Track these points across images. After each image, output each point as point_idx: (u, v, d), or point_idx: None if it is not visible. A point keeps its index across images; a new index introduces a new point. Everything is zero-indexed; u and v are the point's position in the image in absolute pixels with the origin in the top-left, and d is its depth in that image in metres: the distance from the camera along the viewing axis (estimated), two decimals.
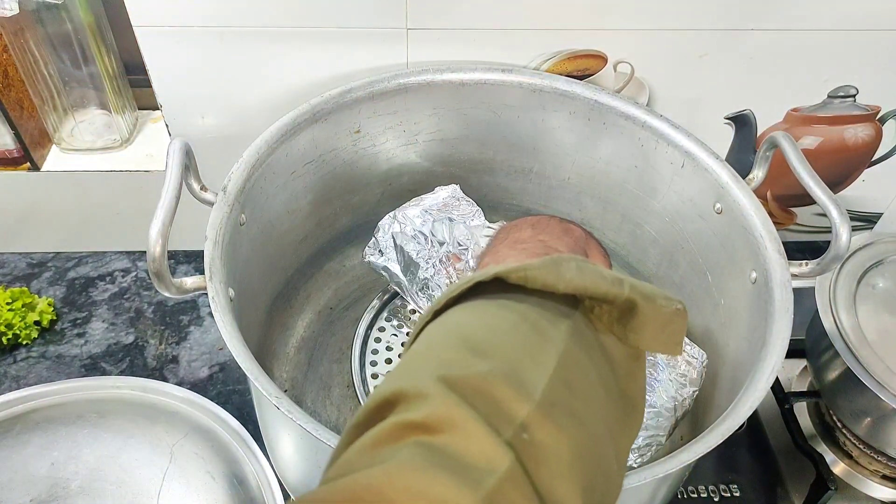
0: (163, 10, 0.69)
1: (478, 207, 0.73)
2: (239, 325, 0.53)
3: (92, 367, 0.79)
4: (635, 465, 0.62)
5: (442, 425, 0.27)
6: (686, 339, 0.67)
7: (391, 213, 0.72)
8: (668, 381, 0.64)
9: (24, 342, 0.80)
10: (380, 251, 0.72)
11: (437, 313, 0.37)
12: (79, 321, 0.83)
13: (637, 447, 0.63)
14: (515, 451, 0.27)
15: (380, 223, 0.72)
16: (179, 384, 0.74)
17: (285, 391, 0.72)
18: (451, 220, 0.71)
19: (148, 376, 0.77)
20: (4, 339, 0.78)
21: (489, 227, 0.72)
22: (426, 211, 0.71)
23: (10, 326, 0.78)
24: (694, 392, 0.64)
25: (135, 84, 0.84)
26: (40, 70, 0.76)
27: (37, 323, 0.80)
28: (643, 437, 0.63)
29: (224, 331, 0.51)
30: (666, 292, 0.36)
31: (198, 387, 0.77)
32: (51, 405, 0.68)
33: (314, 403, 0.72)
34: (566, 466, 0.29)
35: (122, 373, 0.79)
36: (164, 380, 0.78)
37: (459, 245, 0.69)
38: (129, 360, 0.80)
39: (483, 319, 0.35)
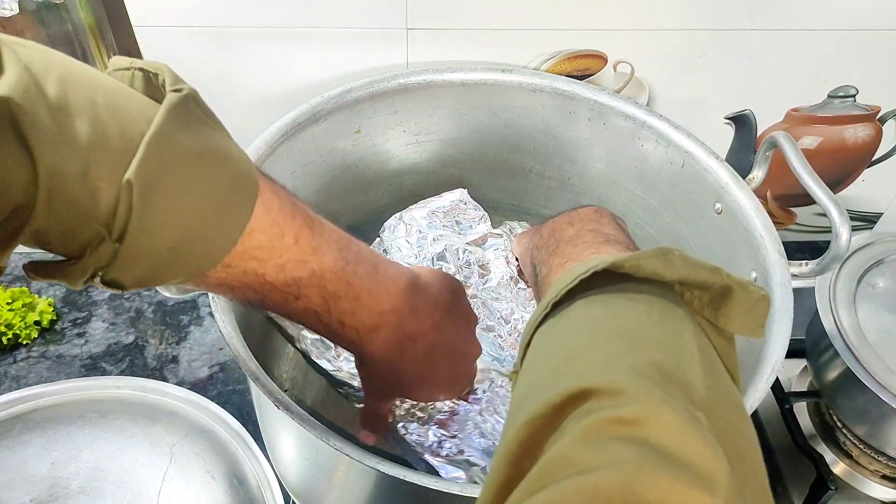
0: (163, 10, 0.69)
1: (484, 213, 0.73)
2: (239, 325, 0.53)
3: (92, 367, 0.79)
4: None
5: (652, 421, 0.27)
6: None
7: (397, 214, 0.72)
8: None
9: (24, 342, 0.80)
10: (384, 251, 0.72)
11: (555, 305, 0.37)
12: (79, 321, 0.83)
13: None
14: (725, 452, 0.27)
15: (385, 223, 0.72)
16: (179, 384, 0.74)
17: (285, 391, 0.72)
18: (458, 223, 0.71)
19: (148, 376, 0.77)
20: (4, 339, 0.78)
21: (494, 235, 0.72)
22: (433, 213, 0.71)
23: (10, 326, 0.78)
24: None
25: None
26: None
27: (37, 323, 0.80)
28: None
29: (224, 331, 0.51)
30: (751, 281, 0.38)
31: (198, 387, 0.77)
32: (51, 405, 0.68)
33: (314, 403, 0.72)
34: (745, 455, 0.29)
35: (122, 373, 0.79)
36: (164, 380, 0.78)
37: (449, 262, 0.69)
38: (129, 360, 0.80)
39: (619, 310, 0.35)
